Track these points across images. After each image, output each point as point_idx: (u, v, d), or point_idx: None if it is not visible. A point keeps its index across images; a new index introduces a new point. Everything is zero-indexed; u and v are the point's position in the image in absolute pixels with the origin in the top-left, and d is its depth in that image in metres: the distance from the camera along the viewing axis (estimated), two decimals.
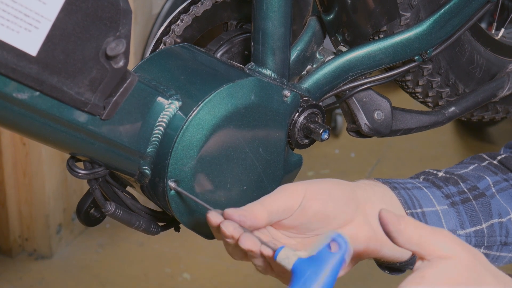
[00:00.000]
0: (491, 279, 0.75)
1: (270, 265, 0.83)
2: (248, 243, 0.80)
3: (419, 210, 0.94)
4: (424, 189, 0.96)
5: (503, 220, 0.98)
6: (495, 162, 1.04)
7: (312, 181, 0.87)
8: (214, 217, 0.82)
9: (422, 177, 1.00)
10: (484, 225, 0.97)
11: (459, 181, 0.99)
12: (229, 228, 0.80)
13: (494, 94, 1.23)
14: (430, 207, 0.95)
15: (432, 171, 1.02)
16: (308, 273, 0.75)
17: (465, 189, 0.98)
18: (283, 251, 0.78)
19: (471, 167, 1.03)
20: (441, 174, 1.01)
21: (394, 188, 0.94)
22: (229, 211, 0.81)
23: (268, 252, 0.80)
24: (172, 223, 1.03)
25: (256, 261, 0.83)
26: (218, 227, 0.82)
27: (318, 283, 0.74)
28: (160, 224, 1.02)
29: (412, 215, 0.93)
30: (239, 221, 0.81)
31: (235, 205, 0.85)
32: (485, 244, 0.97)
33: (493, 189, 0.99)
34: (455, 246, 0.74)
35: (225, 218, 0.82)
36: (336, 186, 0.88)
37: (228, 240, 0.82)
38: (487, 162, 1.04)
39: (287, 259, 0.77)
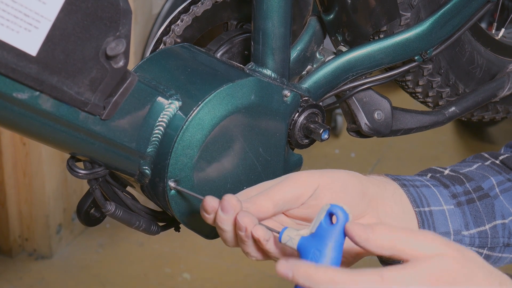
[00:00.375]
0: (484, 276, 0.73)
1: (264, 251, 0.81)
2: (246, 219, 0.79)
3: (427, 209, 0.94)
4: (432, 187, 0.96)
5: (506, 221, 0.98)
6: (497, 162, 1.04)
7: (327, 171, 0.87)
8: (211, 201, 0.81)
9: (429, 175, 1.00)
10: (487, 226, 0.97)
11: (464, 180, 0.99)
12: (232, 201, 0.79)
13: (494, 94, 1.23)
14: (437, 206, 0.94)
15: (438, 168, 1.02)
16: (312, 251, 0.74)
17: (470, 189, 0.98)
18: (286, 232, 0.77)
19: (475, 166, 1.03)
20: (447, 172, 1.01)
21: (404, 186, 0.94)
22: (227, 197, 0.80)
23: (260, 234, 0.79)
24: (172, 223, 1.03)
25: (248, 247, 0.82)
26: (213, 212, 0.81)
27: (326, 260, 0.73)
28: (160, 224, 1.02)
29: (420, 213, 0.93)
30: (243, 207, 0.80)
31: None
32: (489, 246, 0.97)
33: (497, 190, 0.99)
34: (439, 245, 0.73)
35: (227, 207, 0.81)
36: (351, 178, 0.88)
37: (226, 216, 0.80)
38: (490, 161, 1.04)
39: (291, 239, 0.76)
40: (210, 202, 0.81)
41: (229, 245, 0.85)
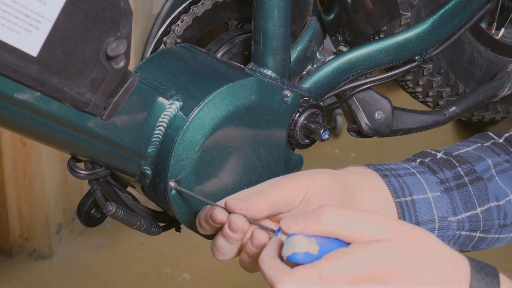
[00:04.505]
0: (432, 264, 0.73)
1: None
2: (263, 236, 0.80)
3: (408, 198, 0.93)
4: (418, 175, 0.96)
5: (500, 203, 0.97)
6: (501, 140, 1.04)
7: (312, 175, 0.87)
8: (221, 213, 0.81)
9: (419, 160, 1.00)
10: (479, 210, 0.96)
11: (456, 164, 0.99)
12: (240, 220, 0.80)
13: (494, 94, 1.23)
14: (421, 195, 0.94)
15: (431, 151, 1.02)
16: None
17: (462, 173, 0.98)
18: (298, 238, 0.75)
19: (473, 146, 1.03)
20: (439, 155, 1.01)
21: (385, 176, 0.94)
22: (231, 204, 0.81)
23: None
24: (173, 223, 1.02)
25: (253, 262, 0.83)
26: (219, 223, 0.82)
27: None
28: (161, 224, 1.02)
29: (401, 203, 0.93)
30: (241, 213, 0.81)
31: None
32: (481, 228, 0.97)
33: (493, 171, 0.99)
34: (386, 228, 0.73)
35: (227, 209, 0.81)
36: (335, 182, 0.88)
37: (235, 235, 0.81)
38: (491, 141, 1.04)
39: (293, 245, 0.75)
40: (220, 215, 0.81)
41: (221, 257, 0.85)
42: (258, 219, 0.83)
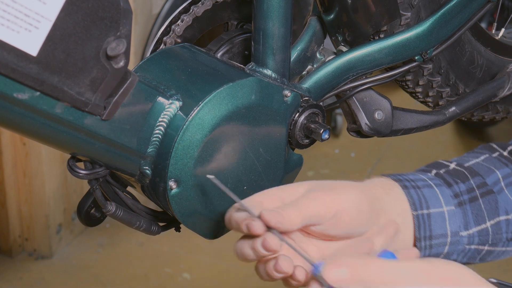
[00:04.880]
0: None
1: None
2: (286, 264, 0.80)
3: (425, 212, 0.94)
4: (435, 187, 0.96)
5: (510, 217, 0.98)
6: (505, 153, 1.04)
7: (343, 189, 0.87)
8: (259, 227, 0.80)
9: (434, 172, 1.00)
10: (488, 224, 0.97)
11: (469, 176, 0.99)
12: (274, 241, 0.79)
13: (494, 94, 1.23)
14: (437, 208, 0.94)
15: (444, 162, 1.02)
16: None
17: (474, 185, 0.98)
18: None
19: (482, 157, 1.03)
20: (452, 166, 1.01)
21: (405, 187, 0.94)
22: (267, 216, 0.80)
23: (302, 277, 0.80)
24: (172, 223, 1.03)
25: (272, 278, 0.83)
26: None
27: None
28: (161, 224, 1.02)
29: (417, 217, 0.93)
30: (275, 227, 0.80)
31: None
32: (490, 242, 0.97)
33: (502, 184, 0.99)
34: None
35: (261, 220, 0.80)
36: (364, 198, 0.88)
37: (265, 253, 0.80)
38: (497, 153, 1.04)
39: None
40: (258, 229, 0.80)
41: (244, 261, 0.85)
42: (290, 231, 0.83)
